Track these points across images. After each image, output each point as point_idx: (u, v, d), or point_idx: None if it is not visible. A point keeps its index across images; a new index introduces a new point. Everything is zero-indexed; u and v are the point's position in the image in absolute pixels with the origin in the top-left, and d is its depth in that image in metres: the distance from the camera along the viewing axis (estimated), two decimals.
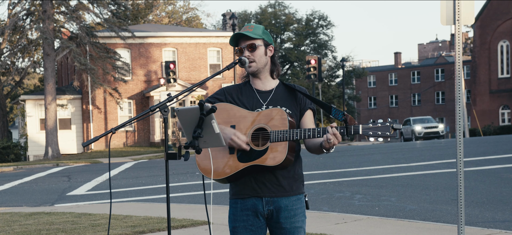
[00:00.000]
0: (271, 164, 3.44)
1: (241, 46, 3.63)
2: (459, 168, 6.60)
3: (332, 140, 3.34)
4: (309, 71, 33.46)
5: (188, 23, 59.19)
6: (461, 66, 6.68)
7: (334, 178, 14.99)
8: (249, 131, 3.50)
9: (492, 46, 58.88)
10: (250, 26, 3.64)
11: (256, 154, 3.47)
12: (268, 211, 3.58)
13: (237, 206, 3.63)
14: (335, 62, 59.39)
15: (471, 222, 8.84)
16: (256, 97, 3.63)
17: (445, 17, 6.76)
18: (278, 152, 3.43)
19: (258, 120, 3.51)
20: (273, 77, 3.70)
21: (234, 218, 3.65)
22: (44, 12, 34.03)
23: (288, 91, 3.68)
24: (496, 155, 18.84)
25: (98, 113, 39.00)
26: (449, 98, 69.70)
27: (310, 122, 3.67)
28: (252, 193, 3.57)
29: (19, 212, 11.48)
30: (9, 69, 40.08)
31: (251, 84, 3.69)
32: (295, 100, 3.66)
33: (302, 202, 3.65)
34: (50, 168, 26.23)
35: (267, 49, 3.66)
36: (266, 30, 3.70)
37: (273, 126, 3.47)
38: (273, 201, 3.57)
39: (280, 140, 3.42)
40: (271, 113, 3.50)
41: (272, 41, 3.71)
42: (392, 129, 3.35)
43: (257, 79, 3.67)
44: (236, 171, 3.50)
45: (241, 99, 3.63)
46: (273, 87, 3.67)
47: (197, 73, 40.37)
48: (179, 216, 9.85)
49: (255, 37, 3.60)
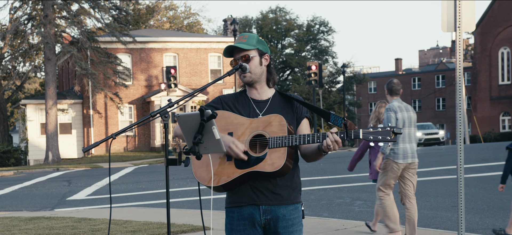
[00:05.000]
0: (269, 170, 3.40)
1: (235, 58, 3.58)
2: (459, 175, 6.60)
3: (333, 146, 3.31)
4: (310, 77, 33.46)
5: (189, 28, 59.24)
6: (461, 72, 6.69)
7: (334, 184, 14.98)
8: (247, 138, 3.47)
9: (493, 53, 58.89)
10: (243, 36, 3.59)
11: (254, 160, 3.43)
12: (265, 220, 3.53)
13: (233, 215, 3.58)
14: (336, 68, 59.39)
15: (471, 229, 8.83)
16: (252, 107, 3.59)
17: (446, 24, 6.78)
18: (277, 158, 3.39)
19: (256, 126, 3.47)
20: (270, 86, 3.65)
21: (230, 227, 3.60)
22: (46, 16, 34.07)
23: (285, 100, 3.65)
24: (496, 161, 18.82)
25: (99, 118, 39.01)
26: (449, 105, 69.69)
27: (307, 130, 3.63)
28: (249, 201, 3.52)
29: (19, 216, 11.47)
30: (10, 73, 40.09)
31: (247, 94, 3.66)
32: (292, 109, 3.63)
33: (299, 211, 3.60)
34: (50, 172, 26.22)
35: (262, 59, 3.60)
36: (261, 38, 3.64)
37: (272, 132, 3.43)
38: (271, 210, 3.51)
39: (279, 146, 3.38)
40: (269, 119, 3.46)
41: (268, 49, 3.64)
42: (392, 133, 3.33)
43: (253, 89, 3.63)
44: (234, 178, 3.45)
45: (237, 108, 3.60)
46: (269, 97, 3.63)
47: (198, 79, 40.38)
48: (179, 221, 9.84)
49: (249, 49, 3.55)
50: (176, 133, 3.58)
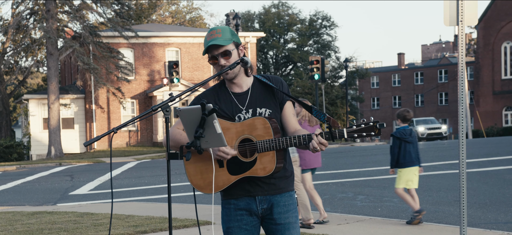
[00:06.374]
0: (262, 174, 3.46)
1: (213, 54, 3.53)
2: (461, 169, 6.59)
3: (319, 148, 3.34)
4: (312, 71, 33.42)
5: (191, 23, 59.21)
6: (464, 67, 6.67)
7: (336, 179, 14.98)
8: (235, 143, 3.49)
9: (496, 47, 58.76)
10: (217, 31, 3.53)
11: (246, 165, 3.47)
12: (262, 209, 3.59)
13: (230, 206, 3.62)
14: (338, 62, 59.36)
15: (473, 223, 8.82)
16: (233, 101, 3.59)
17: (448, 18, 6.75)
18: (267, 162, 3.44)
19: (242, 130, 3.49)
20: (248, 75, 3.64)
21: (227, 218, 3.64)
22: (48, 11, 34.07)
23: (265, 88, 3.63)
24: (499, 156, 18.80)
25: (101, 113, 39.03)
26: (452, 99, 69.60)
27: (291, 115, 3.63)
28: (245, 193, 3.57)
29: (21, 211, 11.49)
30: (12, 68, 40.14)
31: (226, 87, 3.65)
32: (273, 96, 3.62)
33: (293, 199, 3.67)
34: (52, 167, 26.26)
35: (239, 50, 3.59)
36: (232, 29, 3.63)
37: (258, 136, 3.45)
38: (267, 199, 3.57)
39: (267, 149, 3.42)
40: (253, 123, 3.47)
41: (240, 40, 3.62)
42: (376, 128, 3.35)
43: (232, 82, 3.62)
44: (229, 184, 3.52)
45: (219, 105, 3.60)
46: (249, 86, 3.62)
47: (200, 73, 40.38)
48: (181, 216, 9.85)
49: (226, 44, 3.51)
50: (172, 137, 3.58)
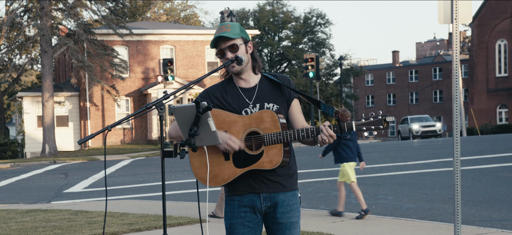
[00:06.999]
0: (268, 167, 3.45)
1: (221, 47, 3.57)
2: (456, 167, 6.60)
3: (328, 141, 3.37)
4: (307, 69, 33.43)
5: (186, 20, 59.12)
6: (458, 65, 6.68)
7: (331, 176, 14.99)
8: (241, 136, 3.49)
9: (490, 45, 58.91)
10: (226, 26, 3.57)
11: (252, 158, 3.46)
12: (265, 207, 3.59)
13: (234, 203, 3.62)
14: (333, 60, 59.38)
15: (468, 221, 8.84)
16: (241, 96, 3.61)
17: (442, 16, 6.76)
18: (274, 155, 3.44)
19: (249, 123, 3.49)
20: (256, 73, 3.67)
21: (231, 215, 3.64)
22: (42, 9, 33.96)
23: (272, 85, 3.66)
24: (493, 154, 18.85)
25: (96, 111, 38.95)
26: (446, 97, 69.77)
27: (298, 112, 3.66)
28: (250, 190, 3.57)
29: (15, 209, 11.46)
30: (6, 66, 39.97)
31: (234, 83, 3.67)
32: (281, 92, 3.65)
33: (297, 198, 3.67)
34: (47, 165, 26.19)
35: (247, 47, 3.61)
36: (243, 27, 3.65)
37: (265, 129, 3.46)
38: (271, 197, 3.57)
39: (275, 142, 3.43)
40: (261, 116, 3.48)
41: (249, 37, 3.66)
42: (384, 122, 3.38)
43: (240, 77, 3.64)
44: (235, 177, 3.51)
45: (226, 99, 3.61)
46: (256, 83, 3.65)
47: (195, 71, 40.33)
48: (175, 213, 9.84)
49: (234, 37, 3.54)
50: (171, 134, 3.61)
